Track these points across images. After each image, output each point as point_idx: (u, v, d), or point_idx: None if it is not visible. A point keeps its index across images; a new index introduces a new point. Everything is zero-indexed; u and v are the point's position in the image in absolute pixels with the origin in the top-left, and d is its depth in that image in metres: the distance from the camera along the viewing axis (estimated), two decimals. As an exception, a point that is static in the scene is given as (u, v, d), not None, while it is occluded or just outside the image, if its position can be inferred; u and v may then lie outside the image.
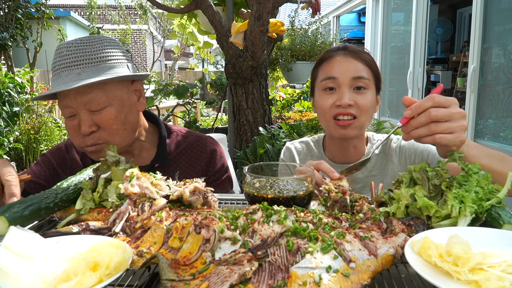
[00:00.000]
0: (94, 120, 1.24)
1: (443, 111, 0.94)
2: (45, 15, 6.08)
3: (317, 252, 0.70)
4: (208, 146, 1.52)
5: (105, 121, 1.25)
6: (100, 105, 1.23)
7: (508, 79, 3.57)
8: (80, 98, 1.22)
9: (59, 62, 1.24)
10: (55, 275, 0.65)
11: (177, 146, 1.50)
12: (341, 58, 1.37)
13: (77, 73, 1.21)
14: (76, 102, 1.23)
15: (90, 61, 1.23)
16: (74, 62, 1.22)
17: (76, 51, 1.23)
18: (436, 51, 8.46)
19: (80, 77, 1.21)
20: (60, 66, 1.23)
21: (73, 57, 1.23)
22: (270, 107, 3.65)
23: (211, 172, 1.52)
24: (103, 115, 1.24)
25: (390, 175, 1.43)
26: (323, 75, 1.38)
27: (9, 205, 0.89)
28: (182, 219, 0.82)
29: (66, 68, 1.22)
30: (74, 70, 1.22)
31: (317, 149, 1.57)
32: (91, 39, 1.27)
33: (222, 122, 6.71)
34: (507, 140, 3.54)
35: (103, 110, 1.24)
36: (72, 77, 1.21)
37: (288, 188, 1.01)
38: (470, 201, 0.82)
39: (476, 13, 3.78)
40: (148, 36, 16.50)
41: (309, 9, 3.72)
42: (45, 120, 5.15)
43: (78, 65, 1.22)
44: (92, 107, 1.23)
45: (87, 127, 1.23)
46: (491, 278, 0.60)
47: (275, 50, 4.13)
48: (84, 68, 1.22)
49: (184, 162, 1.49)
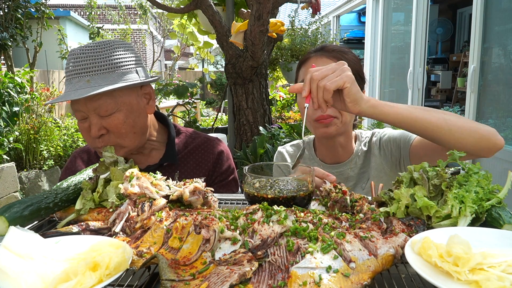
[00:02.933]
0: (103, 124, 1.28)
1: (324, 69, 1.04)
2: (45, 15, 6.06)
3: (317, 252, 0.70)
4: (215, 147, 1.56)
5: (113, 126, 1.28)
6: (109, 110, 1.27)
7: (508, 79, 3.57)
8: (89, 104, 1.25)
9: (71, 67, 1.27)
10: (55, 275, 0.65)
11: (185, 146, 1.54)
12: (316, 60, 1.39)
13: (87, 80, 1.25)
14: (86, 107, 1.26)
15: (99, 68, 1.26)
16: (84, 69, 1.25)
17: (87, 58, 1.26)
18: (436, 51, 8.45)
19: (89, 85, 1.24)
20: (72, 72, 1.27)
21: (84, 64, 1.26)
22: (270, 107, 3.65)
23: (218, 172, 1.55)
24: (111, 120, 1.28)
25: (373, 167, 1.45)
26: (300, 78, 1.42)
27: (9, 205, 0.89)
28: (182, 219, 0.82)
29: (76, 75, 1.26)
30: (83, 77, 1.25)
31: (308, 151, 1.59)
32: (102, 45, 1.29)
33: (222, 122, 6.71)
34: (507, 140, 3.54)
35: (112, 115, 1.28)
36: (82, 84, 1.24)
37: (288, 188, 1.01)
38: (470, 201, 0.82)
39: (476, 13, 3.78)
40: (148, 36, 16.50)
41: (309, 9, 3.72)
42: (45, 120, 5.14)
43: (88, 72, 1.25)
44: (101, 113, 1.27)
45: (97, 130, 1.27)
46: (491, 278, 0.60)
47: (275, 50, 4.13)
48: (93, 76, 1.25)
49: (191, 162, 1.52)
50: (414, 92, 5.41)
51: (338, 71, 1.03)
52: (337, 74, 1.02)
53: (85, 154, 1.58)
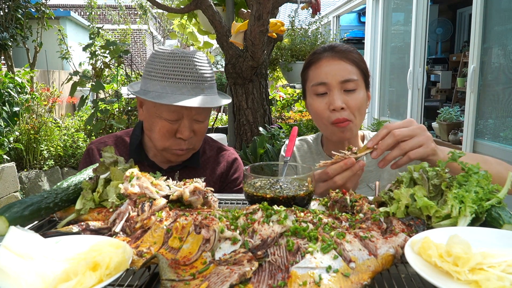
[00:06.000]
0: (194, 128, 1.42)
1: (406, 129, 1.04)
2: (45, 15, 6.06)
3: (317, 252, 0.70)
4: (230, 156, 1.68)
5: (202, 131, 1.45)
6: (204, 117, 1.43)
7: (508, 79, 3.56)
8: (195, 109, 1.37)
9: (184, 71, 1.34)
10: (55, 275, 0.65)
11: (204, 151, 1.64)
12: (328, 61, 1.39)
13: (202, 89, 1.37)
14: (190, 112, 1.37)
15: (211, 79, 1.40)
16: (200, 77, 1.36)
17: (200, 66, 1.37)
18: (436, 51, 8.45)
19: (204, 93, 1.37)
20: (187, 77, 1.35)
21: (199, 72, 1.36)
22: (270, 107, 3.65)
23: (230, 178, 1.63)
24: (203, 126, 1.45)
25: (387, 170, 1.47)
26: (313, 80, 1.42)
27: (9, 205, 0.89)
28: (182, 219, 0.82)
29: (193, 81, 1.35)
30: (199, 85, 1.36)
31: (315, 146, 1.61)
32: (204, 57, 1.41)
33: (222, 122, 6.71)
34: (507, 140, 3.53)
35: (204, 122, 1.44)
36: (198, 91, 1.36)
37: (288, 188, 1.01)
38: (470, 201, 0.82)
39: (476, 13, 3.77)
40: (148, 36, 16.50)
41: (309, 9, 3.72)
42: (45, 120, 5.14)
43: (204, 81, 1.37)
44: (199, 118, 1.41)
45: (188, 132, 1.39)
46: (491, 278, 0.60)
47: (275, 50, 4.13)
48: (206, 85, 1.38)
49: (210, 166, 1.62)
50: (414, 92, 5.41)
51: (422, 139, 1.03)
52: (420, 143, 1.03)
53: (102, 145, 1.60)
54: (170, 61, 1.34)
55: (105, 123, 4.99)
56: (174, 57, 1.34)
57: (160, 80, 1.34)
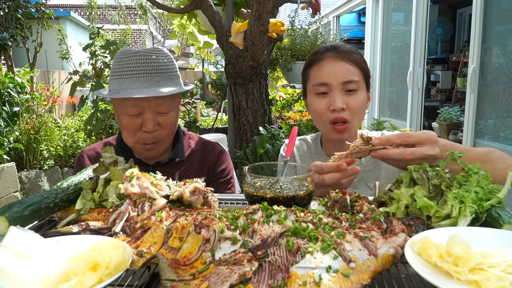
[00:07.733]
0: (159, 121, 1.42)
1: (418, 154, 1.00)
2: (45, 15, 6.06)
3: (317, 252, 0.70)
4: (216, 148, 1.70)
5: (168, 123, 1.45)
6: (168, 109, 1.43)
7: (508, 79, 3.56)
8: (154, 101, 1.38)
9: (137, 67, 1.37)
10: (55, 275, 0.65)
11: (189, 146, 1.67)
12: (330, 61, 1.39)
13: (157, 81, 1.39)
14: (149, 104, 1.38)
15: (167, 71, 1.42)
16: (153, 70, 1.39)
17: (155, 60, 1.39)
18: (436, 51, 8.46)
19: (159, 84, 1.38)
20: (139, 71, 1.37)
21: (153, 65, 1.39)
22: (270, 107, 3.65)
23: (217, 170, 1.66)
24: (168, 118, 1.44)
25: (384, 169, 1.47)
26: (315, 80, 1.42)
27: (9, 205, 0.89)
28: (182, 219, 0.82)
29: (146, 74, 1.38)
30: (153, 77, 1.38)
31: (315, 146, 1.62)
32: (161, 51, 1.44)
33: (222, 122, 6.71)
34: (507, 140, 3.53)
35: (169, 113, 1.44)
36: (152, 83, 1.38)
37: (288, 188, 1.01)
38: (470, 201, 0.82)
39: (476, 13, 3.77)
40: (148, 36, 16.50)
41: (309, 9, 3.72)
42: (45, 120, 5.14)
43: (158, 73, 1.39)
44: (162, 110, 1.41)
45: (153, 126, 1.40)
46: (491, 278, 0.60)
47: (275, 50, 4.13)
48: (162, 77, 1.40)
49: (196, 160, 1.65)
50: (414, 92, 5.41)
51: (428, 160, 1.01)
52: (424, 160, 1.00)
53: (92, 152, 1.64)
54: (124, 59, 1.39)
55: (105, 123, 4.99)
56: (128, 54, 1.39)
57: (117, 77, 1.40)
